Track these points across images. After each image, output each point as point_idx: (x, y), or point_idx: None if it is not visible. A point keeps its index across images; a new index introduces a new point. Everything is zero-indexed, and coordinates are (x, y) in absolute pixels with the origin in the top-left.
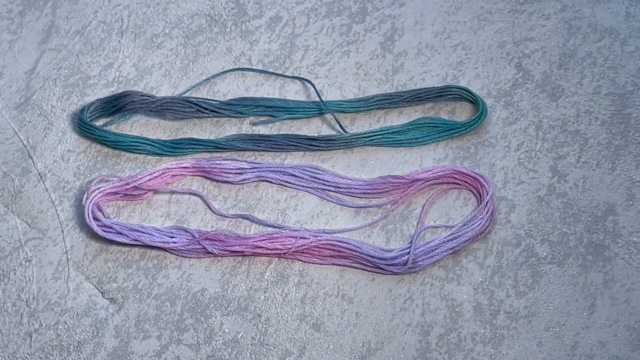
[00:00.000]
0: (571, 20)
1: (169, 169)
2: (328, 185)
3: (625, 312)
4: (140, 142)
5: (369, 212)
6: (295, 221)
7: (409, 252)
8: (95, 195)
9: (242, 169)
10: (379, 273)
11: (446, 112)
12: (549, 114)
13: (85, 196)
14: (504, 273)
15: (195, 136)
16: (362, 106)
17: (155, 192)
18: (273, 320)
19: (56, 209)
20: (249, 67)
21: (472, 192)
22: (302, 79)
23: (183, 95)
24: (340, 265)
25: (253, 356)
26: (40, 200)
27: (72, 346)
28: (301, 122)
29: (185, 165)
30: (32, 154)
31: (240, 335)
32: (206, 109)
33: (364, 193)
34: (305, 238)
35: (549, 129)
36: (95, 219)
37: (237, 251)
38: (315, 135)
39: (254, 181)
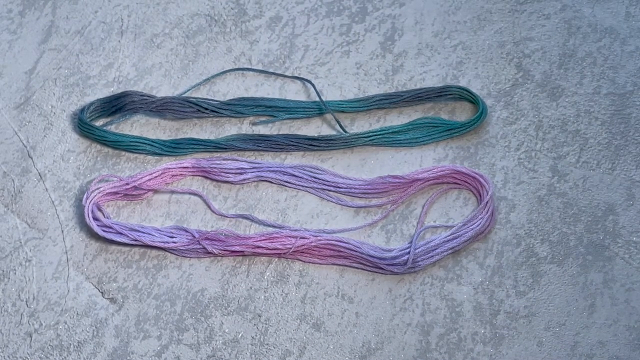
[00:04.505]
0: (571, 20)
1: (169, 169)
2: (328, 185)
3: (625, 312)
4: (140, 142)
5: (369, 212)
6: (295, 221)
7: (409, 252)
8: (95, 195)
9: (242, 169)
10: (379, 273)
11: (446, 112)
12: (549, 114)
13: (85, 196)
14: (504, 273)
15: (195, 136)
16: (362, 106)
17: (155, 192)
18: (273, 320)
19: (56, 209)
20: (249, 67)
21: (472, 192)
22: (302, 79)
23: (183, 95)
24: (340, 265)
25: (253, 356)
26: (40, 200)
27: (72, 346)
28: (301, 122)
29: (185, 165)
30: (32, 154)
31: (240, 335)
32: (206, 109)
33: (363, 193)
34: (305, 238)
35: (549, 129)
36: (95, 218)
37: (237, 251)
38: (315, 135)
39: (254, 181)
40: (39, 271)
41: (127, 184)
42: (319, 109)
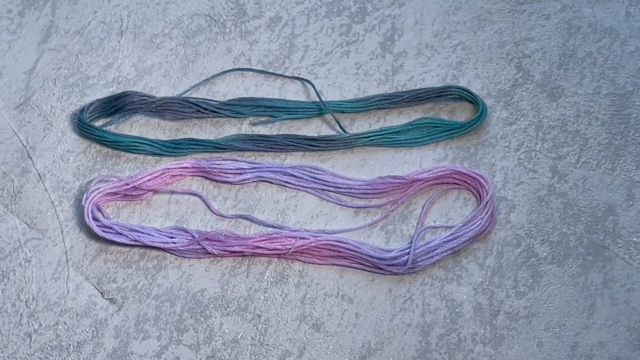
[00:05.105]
0: (571, 20)
1: (169, 169)
2: (328, 186)
3: (625, 312)
4: (140, 142)
5: (369, 212)
6: (295, 221)
7: (408, 252)
8: (95, 196)
9: (242, 169)
10: (379, 273)
11: (446, 112)
12: (549, 114)
13: (84, 196)
14: (504, 273)
15: (195, 136)
16: (362, 106)
17: (155, 192)
18: (273, 320)
19: (56, 209)
20: (249, 67)
21: (472, 192)
22: (302, 79)
23: (183, 96)
24: (340, 265)
25: (253, 356)
26: (39, 201)
27: (71, 346)
28: (301, 122)
29: (185, 165)
30: (32, 154)
31: (240, 335)
32: (206, 109)
33: (363, 193)
34: (305, 238)
35: (549, 129)
36: (95, 219)
37: (237, 251)
38: (315, 135)
39: (254, 181)
40: (39, 271)
41: (127, 184)
42: (318, 109)
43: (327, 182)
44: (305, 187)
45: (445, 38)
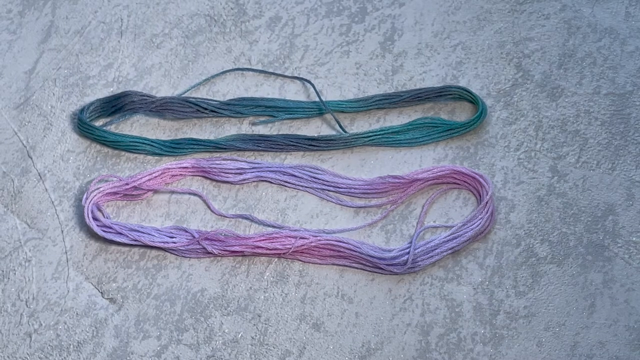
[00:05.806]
0: (571, 20)
1: (169, 169)
2: (328, 185)
3: (625, 312)
4: (140, 142)
5: (369, 212)
6: (295, 221)
7: (408, 252)
8: (95, 196)
9: (242, 169)
10: (379, 273)
11: (446, 112)
12: (548, 114)
13: (84, 196)
14: (504, 273)
15: (195, 136)
16: (362, 106)
17: (155, 192)
18: (273, 320)
19: (56, 209)
20: (249, 67)
21: (471, 192)
22: (302, 79)
23: (183, 95)
24: (340, 265)
25: (253, 356)
26: (39, 201)
27: (71, 346)
28: (301, 122)
29: (185, 165)
30: (32, 154)
31: (240, 335)
32: (206, 109)
33: (363, 193)
34: (305, 238)
35: (549, 129)
36: (95, 219)
37: (237, 251)
38: (315, 135)
39: (254, 181)
40: (39, 271)
41: (127, 184)
42: (318, 109)
43: (327, 181)
44: (305, 186)
45: (445, 38)
